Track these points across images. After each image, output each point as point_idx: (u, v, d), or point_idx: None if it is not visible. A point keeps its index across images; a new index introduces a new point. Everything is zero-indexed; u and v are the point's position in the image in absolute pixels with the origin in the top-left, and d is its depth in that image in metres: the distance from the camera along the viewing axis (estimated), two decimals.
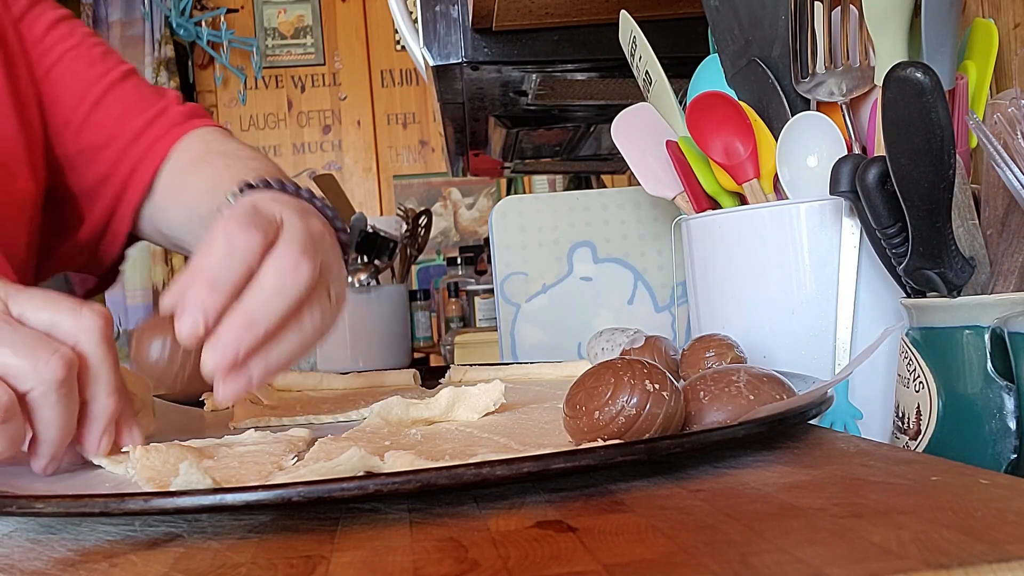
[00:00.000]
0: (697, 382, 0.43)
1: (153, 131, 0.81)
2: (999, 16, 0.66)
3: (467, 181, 3.30)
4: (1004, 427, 0.45)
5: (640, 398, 0.38)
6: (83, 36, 0.84)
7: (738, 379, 0.42)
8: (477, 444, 0.44)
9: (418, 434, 0.48)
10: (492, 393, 0.53)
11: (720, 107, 0.63)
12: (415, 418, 0.52)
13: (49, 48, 0.81)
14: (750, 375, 0.42)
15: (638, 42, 0.72)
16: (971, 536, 0.26)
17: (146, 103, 0.82)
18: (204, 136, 0.82)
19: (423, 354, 2.31)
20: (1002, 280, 0.47)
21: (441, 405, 0.52)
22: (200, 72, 3.24)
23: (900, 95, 0.44)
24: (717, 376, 0.43)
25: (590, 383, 0.40)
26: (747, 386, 0.42)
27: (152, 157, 0.80)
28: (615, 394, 0.38)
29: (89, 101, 0.81)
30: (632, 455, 0.34)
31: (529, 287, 0.98)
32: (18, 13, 0.80)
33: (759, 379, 0.42)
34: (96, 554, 0.32)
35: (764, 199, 0.63)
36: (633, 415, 0.38)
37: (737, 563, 0.26)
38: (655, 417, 0.38)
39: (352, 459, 0.34)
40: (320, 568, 0.28)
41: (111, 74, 0.82)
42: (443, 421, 0.52)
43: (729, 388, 0.42)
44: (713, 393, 0.42)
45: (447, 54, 0.89)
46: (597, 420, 0.38)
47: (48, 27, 0.81)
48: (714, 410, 0.41)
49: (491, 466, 0.33)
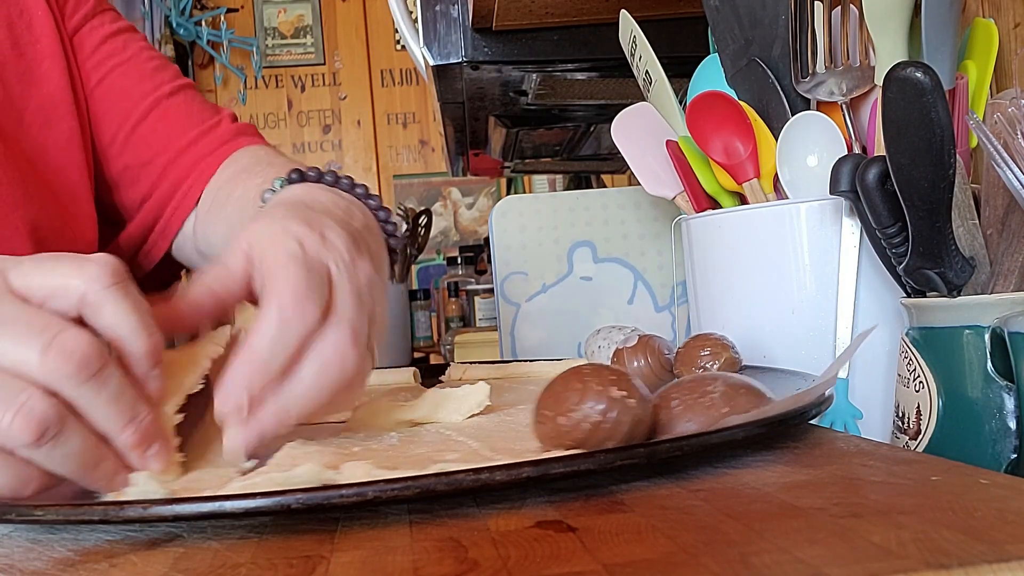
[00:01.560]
0: (671, 389, 0.42)
1: (199, 148, 0.76)
2: (999, 16, 0.66)
3: (467, 181, 3.31)
4: (1004, 427, 0.45)
5: (606, 405, 0.37)
6: (137, 50, 0.79)
7: (713, 389, 0.41)
8: (450, 449, 0.44)
9: (395, 438, 0.48)
10: (477, 395, 0.53)
11: (720, 107, 0.63)
12: (399, 419, 0.52)
13: (99, 63, 0.76)
14: (727, 385, 0.41)
15: (638, 42, 0.72)
16: (971, 536, 0.26)
17: (196, 119, 0.78)
18: (254, 152, 0.77)
19: (423, 354, 2.32)
20: (1002, 280, 0.47)
21: (425, 406, 0.52)
22: (200, 72, 3.24)
23: (900, 95, 0.44)
24: (693, 384, 0.42)
25: (558, 388, 0.39)
26: (722, 397, 0.40)
27: (197, 175, 0.76)
28: (580, 401, 0.38)
29: (135, 117, 0.76)
30: (632, 459, 0.34)
31: (529, 287, 0.98)
32: (74, 26, 0.76)
33: (736, 389, 0.41)
34: (96, 554, 0.32)
35: (764, 199, 0.63)
36: (598, 421, 0.37)
37: (737, 563, 0.26)
38: (621, 424, 0.37)
39: (308, 473, 0.35)
40: (320, 568, 0.28)
41: (161, 89, 0.77)
42: (428, 423, 0.52)
43: (703, 398, 0.41)
44: (686, 402, 0.41)
45: (447, 54, 0.89)
46: (562, 426, 0.38)
47: (100, 41, 0.77)
48: (685, 420, 0.40)
49: (491, 472, 0.33)
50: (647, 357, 0.61)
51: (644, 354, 0.61)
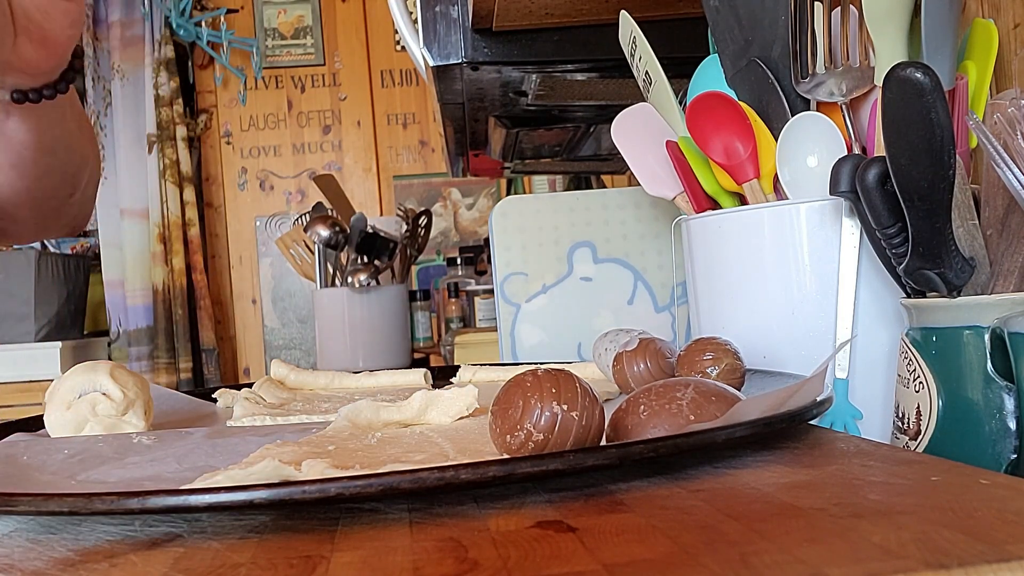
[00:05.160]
0: (640, 395, 0.42)
1: None
2: (999, 16, 0.66)
3: (467, 181, 3.30)
4: (1004, 427, 0.45)
5: (547, 422, 0.37)
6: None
7: (683, 396, 0.41)
8: (421, 450, 0.44)
9: (375, 438, 0.48)
10: (465, 398, 0.53)
11: (720, 107, 0.63)
12: (386, 420, 0.52)
13: None
14: (697, 392, 0.41)
15: (638, 42, 0.72)
16: (971, 536, 0.26)
17: None
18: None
19: (423, 354, 2.31)
20: (1002, 280, 0.47)
21: (413, 408, 0.53)
22: (200, 72, 3.24)
23: (900, 95, 0.44)
24: (663, 390, 0.41)
25: (503, 403, 0.39)
26: (690, 404, 0.40)
27: None
28: (522, 418, 0.37)
29: None
30: (631, 457, 0.34)
31: (529, 287, 0.98)
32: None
33: (706, 397, 0.41)
34: (96, 554, 0.32)
35: (764, 199, 0.63)
36: (541, 440, 0.37)
37: (737, 563, 0.26)
38: (565, 438, 0.37)
39: (266, 468, 0.35)
40: (320, 568, 0.28)
41: None
42: (415, 424, 0.53)
43: (670, 405, 0.40)
44: (653, 409, 0.40)
45: (447, 54, 0.89)
46: (510, 444, 0.38)
47: None
48: (651, 427, 0.40)
49: (487, 467, 0.33)
50: (648, 361, 0.61)
51: (645, 358, 0.61)
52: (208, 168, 3.22)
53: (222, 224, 3.22)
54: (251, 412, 0.63)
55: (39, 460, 0.49)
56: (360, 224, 1.65)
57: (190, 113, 3.16)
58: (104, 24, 3.07)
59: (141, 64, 3.04)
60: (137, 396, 0.58)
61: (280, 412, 0.63)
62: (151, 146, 3.01)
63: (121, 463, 0.48)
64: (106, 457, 0.49)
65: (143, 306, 2.98)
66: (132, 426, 0.58)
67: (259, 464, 0.35)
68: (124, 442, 0.53)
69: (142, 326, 2.97)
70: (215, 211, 3.22)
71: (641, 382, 0.60)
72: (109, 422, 0.57)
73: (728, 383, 0.53)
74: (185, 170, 3.03)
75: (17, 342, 2.56)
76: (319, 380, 0.79)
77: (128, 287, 3.00)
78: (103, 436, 0.56)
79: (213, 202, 3.22)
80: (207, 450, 0.50)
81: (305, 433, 0.52)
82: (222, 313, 3.18)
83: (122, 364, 0.61)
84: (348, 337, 1.64)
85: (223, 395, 0.74)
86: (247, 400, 0.67)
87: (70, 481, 0.44)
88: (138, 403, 0.58)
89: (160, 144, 3.00)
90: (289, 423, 0.61)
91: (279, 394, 0.72)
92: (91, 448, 0.51)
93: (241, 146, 3.24)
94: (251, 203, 3.22)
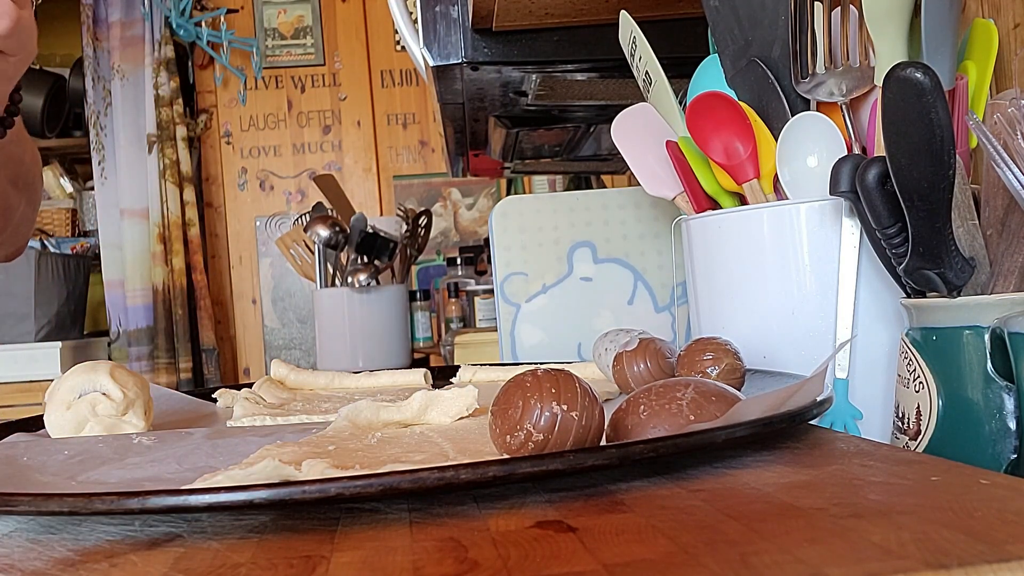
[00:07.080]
0: (640, 395, 0.42)
1: None
2: (999, 16, 0.66)
3: (467, 181, 3.30)
4: (1004, 427, 0.45)
5: (547, 422, 0.37)
6: None
7: (683, 396, 0.41)
8: (421, 450, 0.44)
9: (374, 439, 0.48)
10: (465, 398, 0.53)
11: (720, 107, 0.63)
12: (386, 420, 0.52)
13: None
14: (697, 392, 0.41)
15: (638, 42, 0.72)
16: (971, 536, 0.26)
17: None
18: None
19: (423, 354, 2.32)
20: (1002, 280, 0.47)
21: (413, 408, 0.53)
22: (200, 72, 3.24)
23: (900, 95, 0.44)
24: (663, 390, 0.41)
25: (502, 403, 0.39)
26: (690, 404, 0.40)
27: None
28: (522, 418, 0.38)
29: None
30: (631, 457, 0.34)
31: (529, 287, 0.98)
32: None
33: (706, 397, 0.41)
34: (96, 554, 0.32)
35: (764, 199, 0.63)
36: (541, 440, 0.37)
37: (737, 563, 0.26)
38: (565, 438, 0.37)
39: (267, 469, 0.35)
40: (320, 568, 0.28)
41: None
42: (415, 424, 0.53)
43: (670, 405, 0.40)
44: (653, 409, 0.40)
45: (447, 54, 0.89)
46: (509, 444, 0.38)
47: None
48: (651, 427, 0.40)
49: (487, 467, 0.33)
50: (648, 361, 0.61)
51: (645, 358, 0.61)
52: (208, 168, 3.22)
53: (222, 224, 3.22)
54: (251, 412, 0.63)
55: (39, 461, 0.49)
56: (360, 224, 1.65)
57: (190, 113, 3.16)
58: (104, 24, 3.07)
59: (141, 64, 3.04)
60: (137, 396, 0.58)
61: (280, 412, 0.63)
62: (151, 146, 3.01)
63: (121, 464, 0.48)
64: (106, 458, 0.49)
65: (143, 306, 2.98)
66: (132, 426, 0.58)
67: (259, 464, 0.35)
68: (124, 443, 0.53)
69: (142, 326, 2.97)
70: (215, 211, 3.22)
71: (641, 382, 0.60)
72: (109, 422, 0.57)
73: (728, 383, 0.53)
74: (185, 170, 3.03)
75: (17, 342, 2.56)
76: (319, 380, 0.79)
77: (128, 287, 3.00)
78: (103, 437, 0.56)
79: (213, 202, 3.22)
80: (207, 450, 0.50)
81: (305, 433, 0.52)
82: (222, 313, 3.18)
83: (122, 364, 0.61)
84: (348, 337, 1.64)
85: (223, 395, 0.74)
86: (247, 400, 0.67)
87: (70, 482, 0.44)
88: (138, 403, 0.58)
89: (160, 144, 3.00)
90: (289, 423, 0.61)
91: (279, 394, 0.73)
92: (91, 449, 0.51)
93: (241, 146, 3.24)
94: (251, 203, 3.22)
